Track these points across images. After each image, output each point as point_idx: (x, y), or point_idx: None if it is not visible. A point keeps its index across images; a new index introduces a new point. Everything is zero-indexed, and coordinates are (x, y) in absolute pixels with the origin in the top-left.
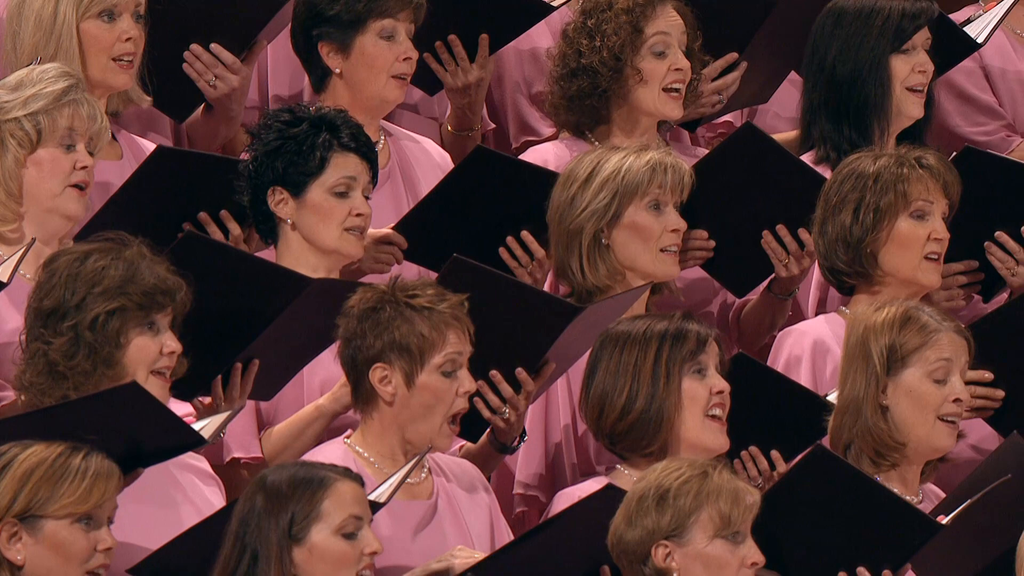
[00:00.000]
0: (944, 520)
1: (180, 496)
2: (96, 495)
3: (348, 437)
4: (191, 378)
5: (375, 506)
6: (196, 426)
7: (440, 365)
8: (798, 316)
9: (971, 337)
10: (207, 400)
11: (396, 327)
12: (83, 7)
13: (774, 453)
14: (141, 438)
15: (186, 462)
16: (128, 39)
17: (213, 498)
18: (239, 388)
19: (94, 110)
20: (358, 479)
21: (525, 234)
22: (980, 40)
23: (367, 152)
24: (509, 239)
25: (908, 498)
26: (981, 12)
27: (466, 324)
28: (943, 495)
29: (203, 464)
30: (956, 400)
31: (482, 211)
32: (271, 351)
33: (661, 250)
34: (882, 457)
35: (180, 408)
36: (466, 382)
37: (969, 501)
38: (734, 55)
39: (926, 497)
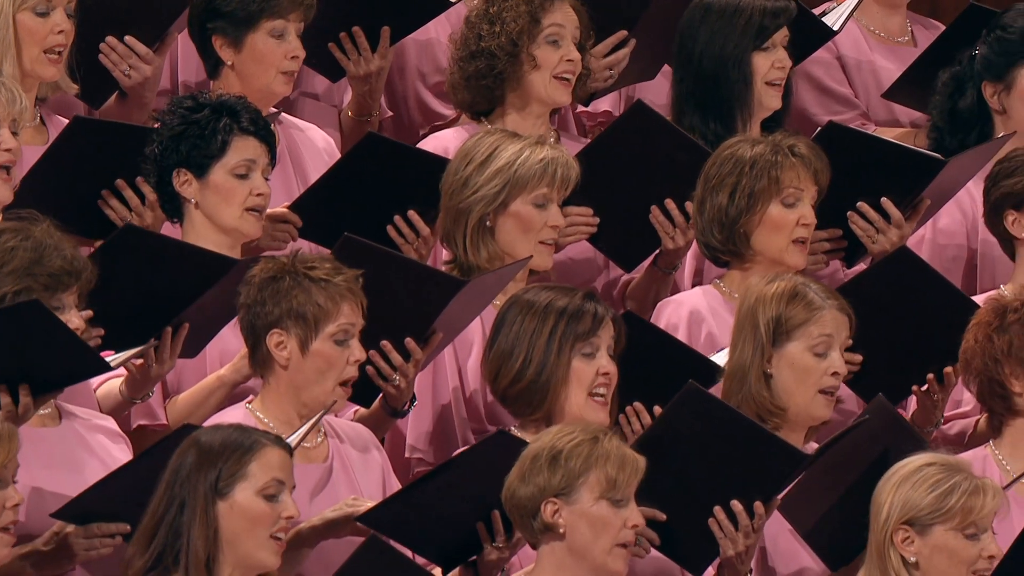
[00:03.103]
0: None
1: (88, 454)
2: (0, 456)
3: (250, 402)
4: (126, 342)
5: None
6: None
7: (333, 334)
8: (674, 287)
9: (852, 314)
10: (139, 362)
11: (294, 296)
12: (19, 0)
13: (656, 409)
14: (43, 359)
15: (94, 423)
16: (60, 31)
17: (121, 455)
18: (169, 350)
19: (12, 93)
20: (287, 447)
21: (412, 213)
22: (835, 28)
23: (266, 136)
24: (397, 218)
25: None
26: (835, 5)
27: (360, 297)
28: None
29: (111, 424)
30: (834, 374)
31: (373, 192)
32: (196, 318)
33: (540, 242)
34: (764, 421)
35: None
36: (356, 351)
37: (831, 438)
38: (624, 33)
39: None
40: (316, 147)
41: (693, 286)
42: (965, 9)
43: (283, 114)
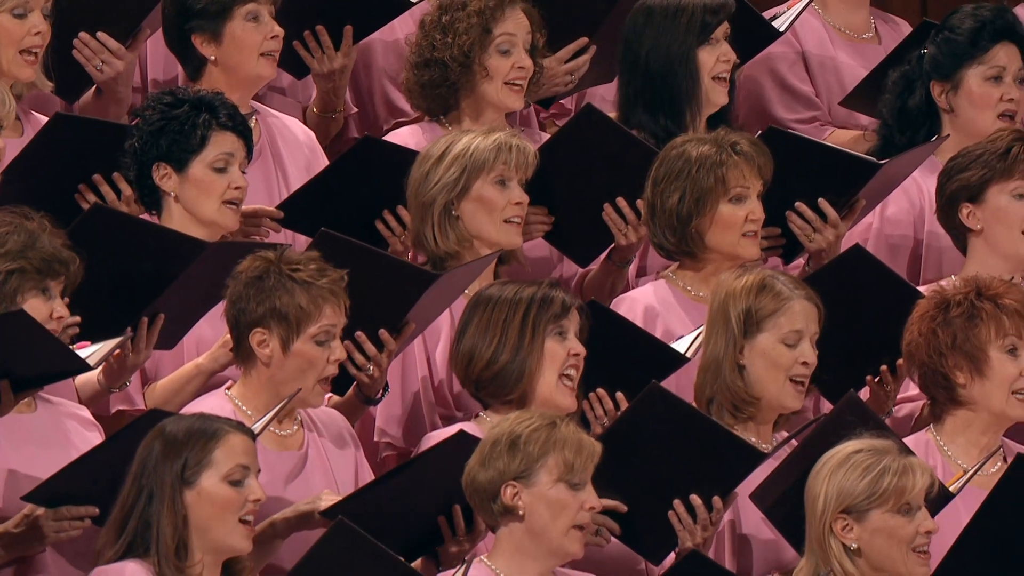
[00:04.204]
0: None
1: (62, 440)
2: None
3: (229, 389)
4: (102, 329)
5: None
6: (83, 353)
7: (314, 335)
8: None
9: (821, 304)
10: (116, 352)
11: (277, 296)
12: None
13: (619, 394)
14: (28, 363)
15: (70, 411)
16: (37, 33)
17: (95, 441)
18: (145, 340)
19: (2, 94)
20: (249, 433)
21: (400, 208)
22: (781, 29)
23: (243, 130)
24: (385, 212)
25: (763, 446)
26: (785, 9)
27: (343, 299)
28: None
29: (85, 412)
30: (804, 363)
31: (363, 190)
32: (172, 306)
33: (505, 221)
34: (739, 411)
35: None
36: (337, 351)
37: (791, 434)
38: (585, 39)
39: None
40: (297, 138)
41: (637, 277)
42: (918, 25)
43: (262, 106)
